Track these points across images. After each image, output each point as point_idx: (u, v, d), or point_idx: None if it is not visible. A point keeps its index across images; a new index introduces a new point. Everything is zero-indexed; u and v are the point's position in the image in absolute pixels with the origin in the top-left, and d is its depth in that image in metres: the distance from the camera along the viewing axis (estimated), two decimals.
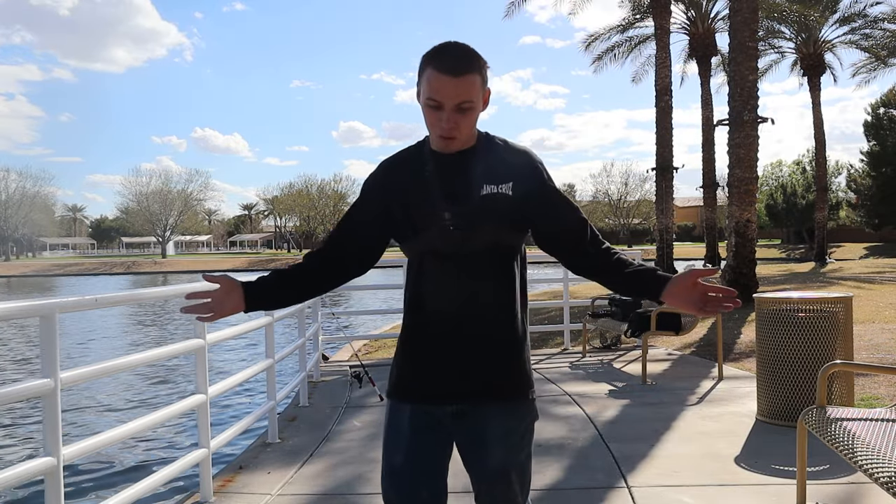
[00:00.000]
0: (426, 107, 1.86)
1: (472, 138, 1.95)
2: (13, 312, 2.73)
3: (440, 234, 1.89)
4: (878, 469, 2.52)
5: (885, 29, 28.00)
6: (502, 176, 1.92)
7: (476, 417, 1.94)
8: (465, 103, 1.84)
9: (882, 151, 45.85)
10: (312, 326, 7.16)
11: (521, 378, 1.98)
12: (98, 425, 7.72)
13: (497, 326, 1.94)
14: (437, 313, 1.93)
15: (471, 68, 1.85)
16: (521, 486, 2.01)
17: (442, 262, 1.91)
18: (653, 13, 21.74)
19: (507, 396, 1.95)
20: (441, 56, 1.85)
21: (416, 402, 1.95)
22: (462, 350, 1.92)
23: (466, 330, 1.92)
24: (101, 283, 51.72)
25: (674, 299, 1.85)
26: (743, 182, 12.08)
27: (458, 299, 1.91)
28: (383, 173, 2.01)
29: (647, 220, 71.76)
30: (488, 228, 1.89)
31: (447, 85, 1.82)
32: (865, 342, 7.81)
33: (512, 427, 1.96)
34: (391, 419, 2.00)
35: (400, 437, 1.96)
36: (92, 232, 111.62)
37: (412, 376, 1.97)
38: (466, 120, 1.87)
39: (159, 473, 3.50)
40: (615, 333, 8.63)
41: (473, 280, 1.91)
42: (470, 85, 1.84)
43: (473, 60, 1.86)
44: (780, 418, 4.81)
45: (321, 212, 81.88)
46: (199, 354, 3.89)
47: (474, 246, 1.89)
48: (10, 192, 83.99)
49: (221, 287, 1.97)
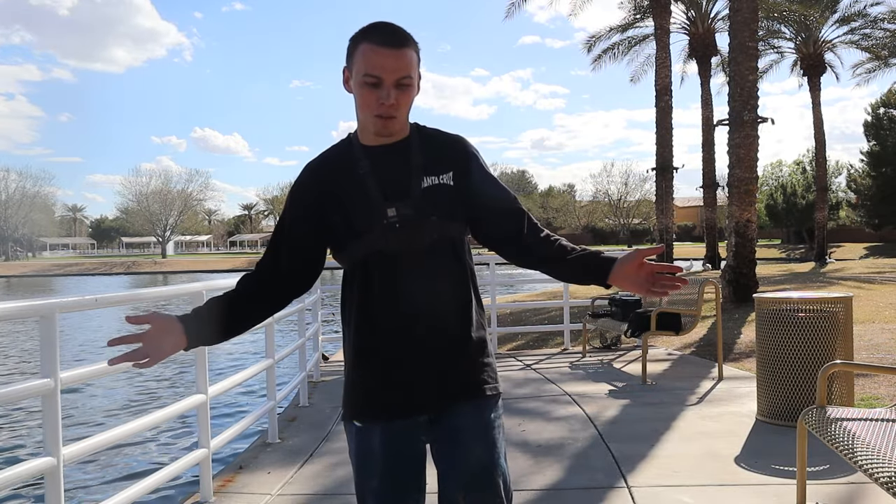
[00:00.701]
0: (363, 86, 1.74)
1: (405, 129, 1.84)
2: (13, 312, 2.73)
3: (384, 234, 1.76)
4: (878, 469, 2.52)
5: (885, 29, 28.02)
6: (442, 166, 1.83)
7: (451, 420, 1.81)
8: (404, 79, 1.73)
9: (882, 151, 45.85)
10: (312, 326, 7.16)
11: (490, 373, 1.88)
12: (98, 425, 7.72)
13: (459, 325, 1.83)
14: (392, 320, 1.79)
15: (408, 43, 1.75)
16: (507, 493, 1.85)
17: (389, 264, 1.77)
18: (653, 13, 21.77)
19: (480, 394, 1.84)
20: (376, 31, 1.75)
21: (385, 421, 1.80)
22: (428, 356, 1.79)
23: (428, 333, 1.79)
24: (102, 283, 51.71)
25: (620, 281, 1.78)
26: (743, 182, 12.08)
27: (414, 302, 1.78)
28: (312, 177, 1.86)
29: (647, 220, 71.74)
30: (435, 222, 1.78)
31: (387, 58, 1.71)
32: (865, 342, 7.81)
33: (488, 422, 1.84)
34: (359, 444, 1.84)
35: (370, 459, 1.82)
36: (92, 232, 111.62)
37: (376, 395, 1.81)
38: (405, 98, 1.76)
39: (159, 473, 3.50)
40: (615, 333, 8.63)
41: (426, 279, 1.78)
42: (409, 60, 1.74)
43: (409, 36, 1.77)
44: (780, 418, 4.81)
45: None
46: (199, 355, 3.89)
47: (422, 242, 1.77)
48: (10, 192, 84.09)
49: (153, 327, 1.73)
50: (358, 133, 1.86)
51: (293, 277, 1.88)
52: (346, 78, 1.80)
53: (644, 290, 1.77)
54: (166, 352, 1.75)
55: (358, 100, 1.78)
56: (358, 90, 1.76)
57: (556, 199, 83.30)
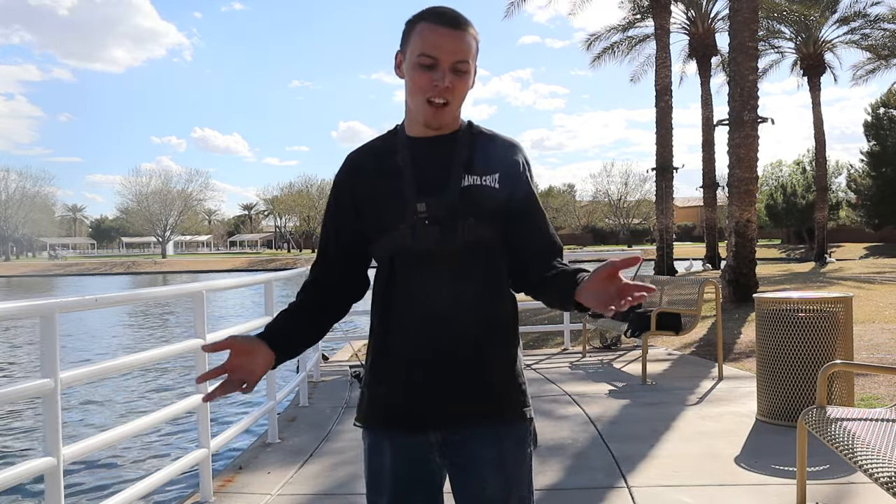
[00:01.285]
0: (416, 67, 1.61)
1: (456, 122, 1.71)
2: (13, 312, 2.73)
3: (412, 230, 1.63)
4: (878, 469, 2.52)
5: (885, 29, 28.01)
6: (489, 166, 1.68)
7: (466, 445, 1.67)
8: (461, 63, 1.61)
9: (882, 151, 45.86)
10: None
11: (514, 395, 1.71)
12: (98, 425, 7.72)
13: (484, 337, 1.66)
14: (412, 326, 1.66)
15: (469, 27, 1.64)
16: None
17: (415, 264, 1.65)
18: (653, 13, 21.77)
19: (500, 417, 1.68)
20: (437, 12, 1.63)
21: (395, 434, 1.70)
22: (442, 368, 1.65)
23: (446, 342, 1.64)
24: (102, 283, 51.71)
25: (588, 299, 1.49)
26: (743, 182, 12.08)
27: (436, 306, 1.64)
28: (350, 166, 1.76)
29: (647, 220, 71.75)
30: (471, 224, 1.63)
31: (445, 38, 1.60)
32: (865, 342, 7.81)
33: (507, 451, 1.68)
34: (370, 458, 1.76)
35: (381, 474, 1.74)
36: (92, 232, 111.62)
37: (381, 400, 1.71)
38: (461, 85, 1.63)
39: (159, 473, 3.50)
40: (615, 333, 8.63)
41: (454, 284, 1.64)
42: (468, 44, 1.63)
43: (470, 22, 1.65)
44: (780, 418, 4.81)
45: (321, 212, 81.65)
46: (199, 354, 3.89)
47: (453, 244, 1.63)
48: (10, 192, 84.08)
49: (234, 352, 1.59)
50: (405, 123, 1.73)
51: (345, 277, 1.78)
52: (399, 62, 1.68)
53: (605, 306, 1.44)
54: (259, 373, 1.61)
55: (409, 83, 1.65)
56: (410, 73, 1.64)
57: (556, 199, 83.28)
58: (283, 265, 53.10)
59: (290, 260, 61.94)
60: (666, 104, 21.10)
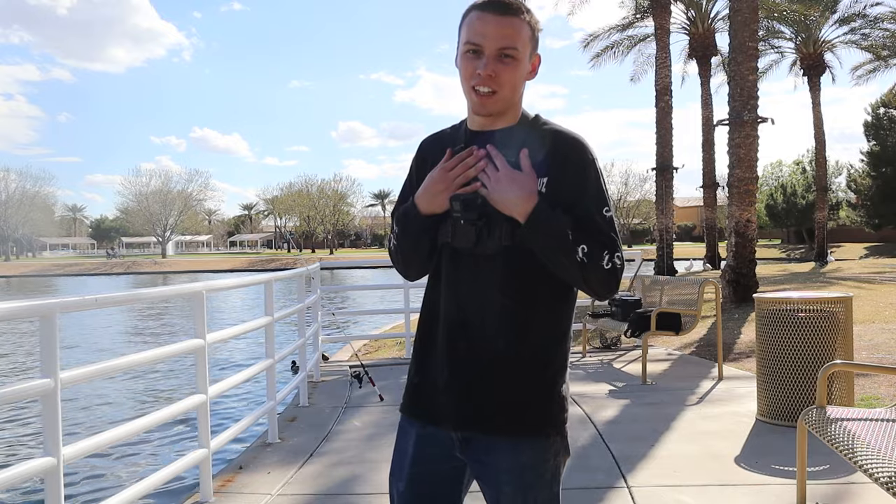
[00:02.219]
0: (463, 56, 1.61)
1: (515, 116, 1.67)
2: (13, 312, 2.72)
3: (452, 229, 1.63)
4: (878, 469, 2.52)
5: (885, 29, 28.00)
6: (538, 167, 1.60)
7: (485, 449, 1.64)
8: (508, 49, 1.57)
9: (882, 151, 45.83)
10: (312, 326, 7.16)
11: (539, 411, 1.64)
12: (98, 425, 7.72)
13: (513, 344, 1.61)
14: (444, 322, 1.66)
15: (518, 13, 1.59)
16: None
17: (455, 261, 1.64)
18: (653, 13, 21.77)
19: (520, 430, 1.63)
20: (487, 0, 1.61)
21: (421, 423, 1.71)
22: (465, 369, 1.63)
23: (472, 345, 1.62)
24: (102, 283, 51.70)
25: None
26: (743, 182, 12.07)
27: (466, 308, 1.63)
28: (421, 152, 1.78)
29: (647, 220, 71.76)
30: (507, 227, 1.59)
31: (490, 24, 1.57)
32: (865, 342, 7.81)
33: (525, 463, 1.63)
34: (398, 439, 1.76)
35: (402, 459, 1.73)
36: (92, 232, 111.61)
37: (417, 392, 1.72)
38: (508, 73, 1.58)
39: (159, 473, 3.50)
40: (615, 333, 8.63)
41: (486, 287, 1.61)
42: (516, 29, 1.58)
43: (522, 7, 1.61)
44: (780, 418, 4.81)
45: (321, 212, 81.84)
46: (199, 354, 3.89)
47: (490, 246, 1.60)
48: (10, 192, 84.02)
49: None
50: (468, 116, 1.72)
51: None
52: (456, 57, 1.66)
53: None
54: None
55: (460, 74, 1.63)
56: (460, 61, 1.62)
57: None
58: (284, 265, 53.08)
59: (290, 260, 61.88)
60: (666, 104, 21.10)
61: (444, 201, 1.61)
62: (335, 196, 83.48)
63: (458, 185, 1.61)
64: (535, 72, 1.68)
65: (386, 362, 8.52)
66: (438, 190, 1.62)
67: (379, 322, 15.09)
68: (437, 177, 1.62)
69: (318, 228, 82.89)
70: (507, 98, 1.62)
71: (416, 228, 1.66)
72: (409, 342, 8.82)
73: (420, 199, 1.64)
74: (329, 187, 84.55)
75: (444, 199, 1.61)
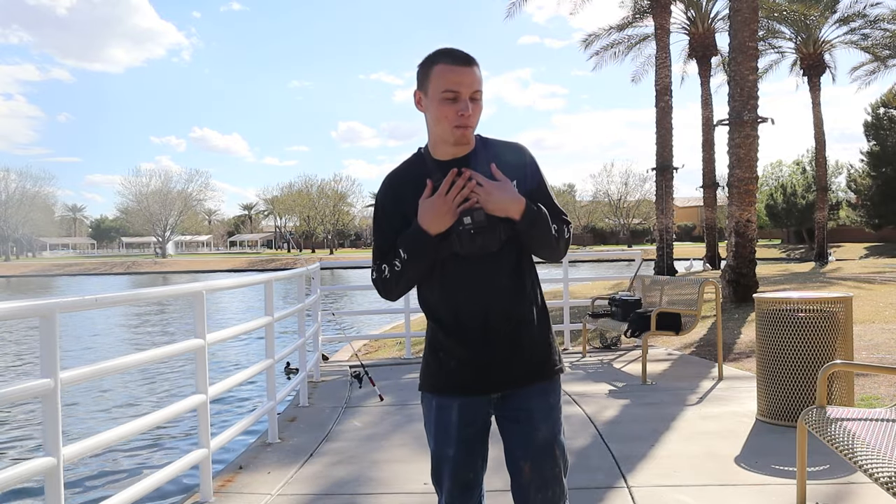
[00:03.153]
0: (442, 102, 1.96)
1: (473, 141, 2.05)
2: (13, 312, 2.72)
3: (459, 240, 1.96)
4: (878, 469, 2.52)
5: (885, 29, 27.99)
6: (507, 176, 2.00)
7: (519, 399, 2.09)
8: (476, 93, 1.98)
9: (882, 151, 45.85)
10: (312, 326, 7.16)
11: (551, 357, 2.13)
12: (98, 425, 7.72)
13: (524, 314, 2.07)
14: (467, 312, 2.05)
15: (476, 63, 2.00)
16: (563, 462, 2.14)
17: (462, 263, 2.02)
18: (653, 13, 21.76)
19: (545, 376, 2.11)
20: (449, 52, 1.99)
21: (462, 396, 2.09)
22: (497, 342, 2.05)
23: (497, 323, 2.04)
24: (102, 283, 51.70)
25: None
26: (743, 182, 12.08)
27: (486, 295, 2.04)
28: (392, 187, 2.10)
29: (647, 220, 71.81)
30: (505, 227, 1.98)
31: (463, 75, 1.95)
32: (865, 342, 7.81)
33: (552, 404, 2.12)
34: (438, 417, 2.12)
35: (448, 429, 2.11)
36: (92, 232, 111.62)
37: (454, 372, 2.08)
38: (477, 110, 2.00)
39: (159, 473, 3.50)
40: (615, 333, 8.63)
41: (495, 276, 2.04)
42: (479, 76, 1.99)
43: (475, 58, 2.01)
44: (780, 418, 4.81)
45: (321, 212, 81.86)
46: (199, 354, 3.89)
47: (493, 245, 1.98)
48: (10, 191, 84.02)
49: None
50: (430, 148, 2.08)
51: None
52: (419, 99, 2.04)
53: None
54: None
55: (435, 115, 1.99)
56: (436, 106, 1.98)
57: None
58: (283, 265, 53.10)
59: (290, 260, 61.92)
60: (666, 104, 21.10)
61: (450, 220, 1.96)
62: (335, 196, 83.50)
63: (458, 205, 1.96)
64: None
65: (386, 362, 8.52)
66: (443, 212, 1.96)
67: (378, 322, 15.10)
68: (437, 202, 1.96)
69: (318, 228, 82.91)
70: (475, 129, 2.04)
71: (429, 249, 1.99)
72: (409, 342, 8.82)
73: (426, 223, 1.98)
74: (329, 187, 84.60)
75: (449, 218, 1.96)
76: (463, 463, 2.11)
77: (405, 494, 3.86)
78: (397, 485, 4.02)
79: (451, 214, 1.96)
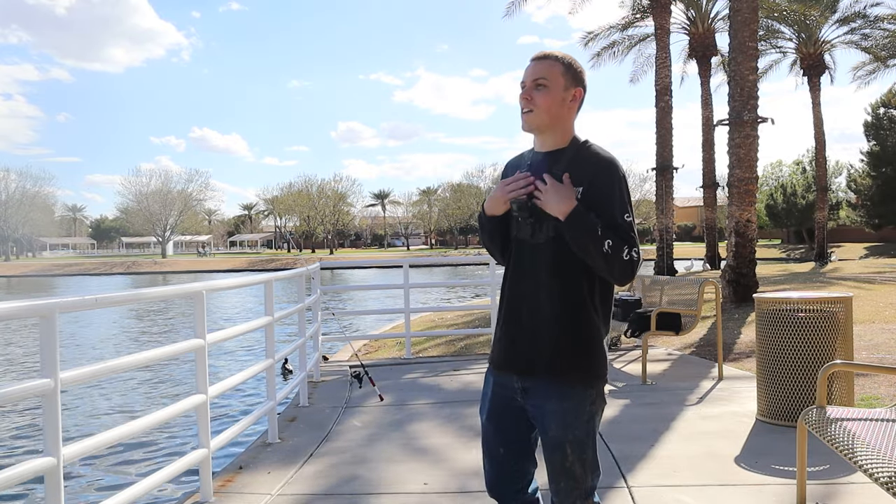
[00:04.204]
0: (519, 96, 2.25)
1: (564, 140, 2.23)
2: (13, 312, 2.72)
3: (518, 224, 2.22)
4: (878, 469, 2.52)
5: (885, 29, 27.99)
6: (577, 178, 2.14)
7: (536, 396, 2.20)
8: (540, 79, 2.19)
9: (882, 151, 45.84)
10: (312, 326, 7.16)
11: (578, 365, 2.17)
12: (98, 425, 7.72)
13: (557, 313, 2.16)
14: (511, 295, 2.25)
15: (549, 57, 2.22)
16: (580, 460, 2.19)
17: (520, 251, 2.24)
18: (653, 13, 21.76)
19: (564, 380, 2.17)
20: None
21: (497, 371, 2.30)
22: (524, 332, 2.20)
23: (529, 313, 2.19)
24: (102, 283, 51.70)
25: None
26: (743, 182, 12.08)
27: (525, 285, 2.22)
28: (505, 169, 2.41)
29: (647, 220, 71.70)
30: (552, 224, 2.14)
31: (528, 68, 2.23)
32: (865, 342, 7.82)
33: (567, 407, 2.17)
34: (484, 384, 2.37)
35: (485, 399, 2.34)
36: (92, 232, 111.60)
37: (495, 348, 2.32)
38: (541, 96, 2.18)
39: (159, 473, 3.50)
40: (615, 333, 8.62)
41: (538, 268, 2.19)
42: (546, 67, 2.20)
43: (554, 53, 2.24)
44: (780, 418, 4.81)
45: (321, 212, 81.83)
46: (199, 354, 3.89)
47: (540, 237, 2.17)
48: (10, 192, 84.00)
49: None
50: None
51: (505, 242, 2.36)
52: None
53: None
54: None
55: None
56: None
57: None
58: (283, 265, 53.10)
59: (290, 260, 61.90)
60: (666, 104, 21.10)
61: (503, 205, 2.22)
62: (335, 196, 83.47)
63: (512, 195, 2.18)
64: (576, 100, 2.23)
65: (386, 362, 8.52)
66: (498, 197, 2.23)
67: (378, 322, 15.10)
68: (498, 189, 2.24)
69: (318, 228, 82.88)
70: (545, 119, 2.20)
71: (485, 224, 2.30)
72: (409, 342, 8.82)
73: (487, 204, 2.28)
74: (329, 187, 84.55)
75: (502, 203, 2.22)
76: (492, 435, 2.30)
77: (405, 494, 3.87)
78: (397, 485, 4.02)
79: (503, 200, 2.20)
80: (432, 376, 7.32)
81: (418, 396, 6.40)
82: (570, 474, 2.20)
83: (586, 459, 2.21)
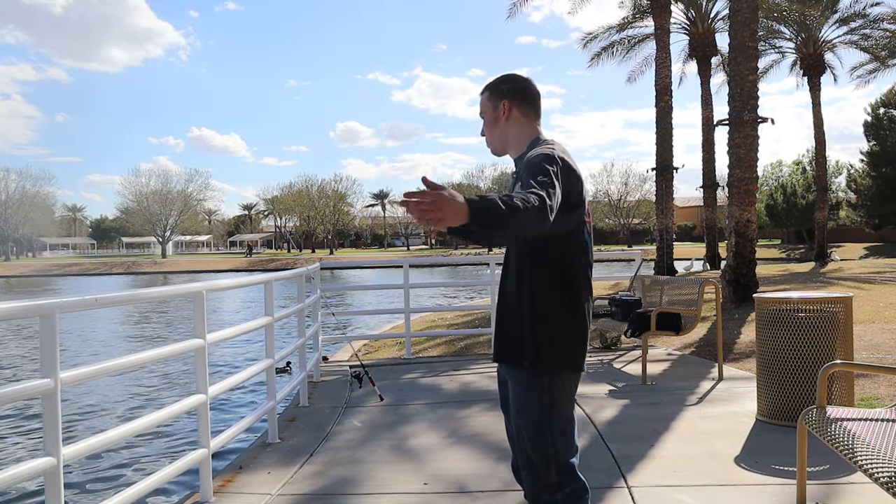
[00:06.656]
0: None
1: (523, 147, 2.43)
2: (13, 312, 2.72)
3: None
4: (878, 469, 2.53)
5: (885, 29, 27.98)
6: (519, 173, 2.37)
7: (508, 381, 2.44)
8: (481, 115, 2.51)
9: (882, 151, 45.85)
10: (312, 326, 7.16)
11: (522, 347, 2.32)
12: (98, 425, 7.72)
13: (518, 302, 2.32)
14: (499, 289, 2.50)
15: (481, 92, 2.50)
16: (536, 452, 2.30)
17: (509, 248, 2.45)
18: (652, 13, 21.75)
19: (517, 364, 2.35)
20: None
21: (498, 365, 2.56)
22: (498, 322, 2.43)
23: (502, 304, 2.41)
24: (102, 283, 51.69)
25: None
26: (743, 182, 12.07)
27: (504, 278, 2.45)
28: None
29: (647, 220, 71.77)
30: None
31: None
32: (865, 342, 7.81)
33: (518, 392, 2.37)
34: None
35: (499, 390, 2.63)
36: (92, 232, 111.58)
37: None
38: (485, 129, 2.51)
39: (159, 473, 3.50)
40: (615, 333, 8.63)
41: (509, 261, 2.42)
42: (481, 103, 2.50)
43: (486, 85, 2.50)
44: (780, 418, 4.81)
45: (321, 212, 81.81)
46: (199, 354, 3.89)
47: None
48: (9, 192, 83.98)
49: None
50: None
51: None
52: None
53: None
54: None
55: None
56: None
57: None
58: (283, 265, 53.08)
59: (290, 260, 61.87)
60: (666, 104, 21.09)
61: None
62: (335, 196, 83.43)
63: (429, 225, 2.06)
64: (508, 112, 2.43)
65: (386, 362, 8.52)
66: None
67: (378, 322, 15.10)
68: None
69: (318, 228, 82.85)
70: (498, 144, 2.51)
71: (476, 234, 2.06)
72: (409, 342, 8.82)
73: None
74: (329, 187, 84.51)
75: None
76: (506, 422, 2.57)
77: (405, 494, 3.87)
78: (397, 485, 4.03)
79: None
80: (432, 376, 7.32)
81: (418, 396, 6.40)
82: (529, 464, 2.31)
83: (544, 452, 2.29)
